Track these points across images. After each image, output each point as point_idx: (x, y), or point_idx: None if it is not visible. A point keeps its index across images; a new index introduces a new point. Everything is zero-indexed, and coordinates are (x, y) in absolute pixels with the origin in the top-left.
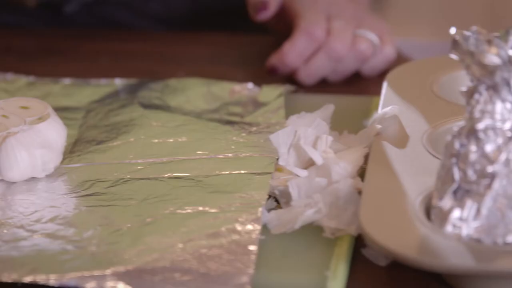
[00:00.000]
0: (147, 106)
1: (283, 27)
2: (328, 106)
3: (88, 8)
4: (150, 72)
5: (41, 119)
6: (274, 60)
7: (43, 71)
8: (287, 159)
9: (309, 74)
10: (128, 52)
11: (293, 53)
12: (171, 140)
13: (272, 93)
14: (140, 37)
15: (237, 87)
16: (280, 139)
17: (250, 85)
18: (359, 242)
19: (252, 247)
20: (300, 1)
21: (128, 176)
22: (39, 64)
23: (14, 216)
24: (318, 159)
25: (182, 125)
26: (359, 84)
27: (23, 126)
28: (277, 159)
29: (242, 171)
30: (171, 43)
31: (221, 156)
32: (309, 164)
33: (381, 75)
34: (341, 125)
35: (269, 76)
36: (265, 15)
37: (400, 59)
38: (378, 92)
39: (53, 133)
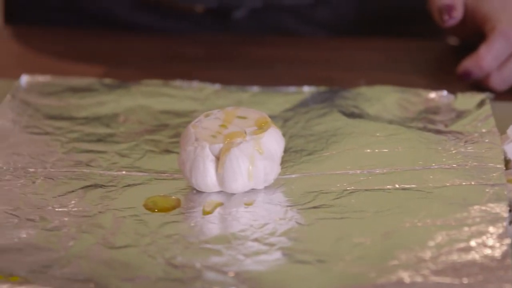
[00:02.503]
0: (348, 115)
1: (463, 31)
2: None
3: (255, 14)
4: (328, 79)
5: (261, 129)
6: (468, 64)
7: (215, 78)
8: None
9: (503, 79)
10: (300, 59)
11: (489, 56)
12: (386, 150)
13: (469, 101)
14: (310, 43)
15: (432, 94)
16: None
17: (444, 92)
18: None
19: (508, 262)
20: (488, 4)
21: (352, 188)
22: (210, 71)
23: (245, 229)
24: None
25: (393, 135)
26: None
27: (245, 137)
28: (505, 169)
29: (473, 182)
30: (342, 49)
31: (446, 167)
32: None
33: None
34: None
35: (450, 82)
36: (453, 21)
37: None
38: None
39: (273, 144)
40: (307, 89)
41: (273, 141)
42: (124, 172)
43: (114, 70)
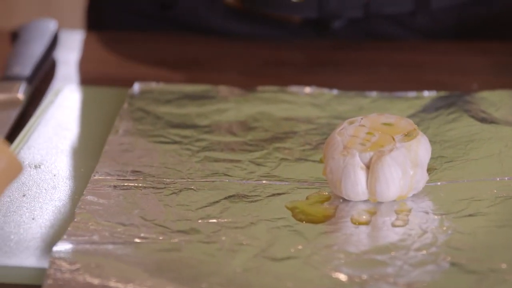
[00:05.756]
0: (481, 120)
1: None
2: None
3: (355, 23)
4: (437, 83)
5: (408, 136)
6: None
7: (321, 83)
8: None
9: None
10: (406, 63)
11: None
12: None
13: None
14: (414, 47)
15: None
16: None
17: None
18: None
19: None
20: None
21: (504, 194)
22: (314, 76)
23: (404, 239)
24: None
25: None
26: None
27: (395, 144)
28: None
29: None
30: (448, 52)
31: None
32: None
33: None
34: None
35: None
36: None
37: None
38: None
39: (422, 151)
40: (427, 94)
41: (423, 148)
42: (264, 182)
43: (218, 77)
